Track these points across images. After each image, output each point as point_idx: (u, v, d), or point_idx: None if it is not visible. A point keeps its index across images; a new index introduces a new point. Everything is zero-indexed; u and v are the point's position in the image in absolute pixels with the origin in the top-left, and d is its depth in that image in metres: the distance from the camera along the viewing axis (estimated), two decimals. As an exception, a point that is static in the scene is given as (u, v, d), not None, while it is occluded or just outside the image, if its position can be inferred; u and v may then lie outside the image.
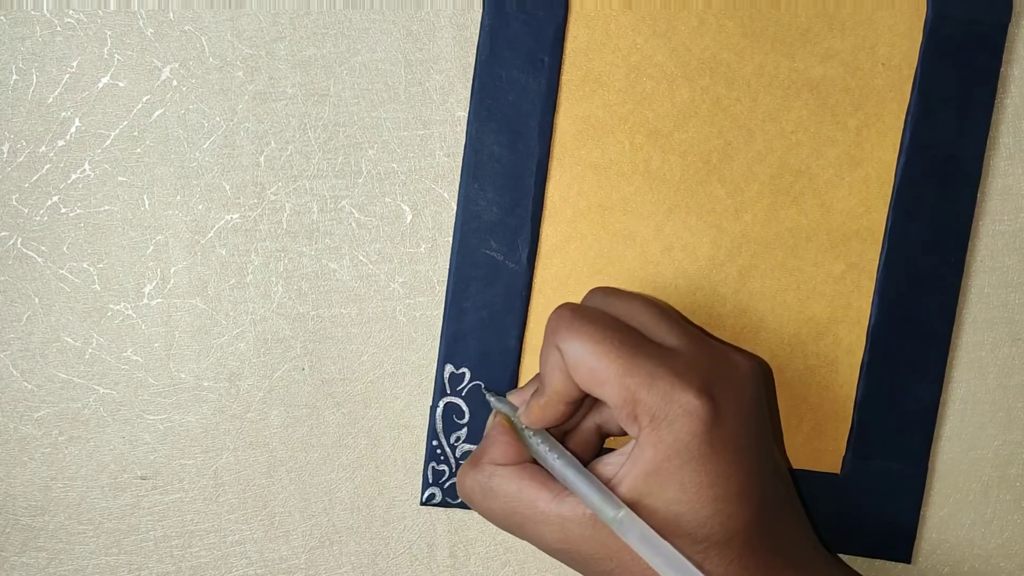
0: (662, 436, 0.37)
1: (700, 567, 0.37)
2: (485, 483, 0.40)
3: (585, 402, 0.41)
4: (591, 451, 0.42)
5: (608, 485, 0.38)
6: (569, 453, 0.39)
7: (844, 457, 0.45)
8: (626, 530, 0.37)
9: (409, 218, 0.44)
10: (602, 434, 0.42)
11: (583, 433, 0.42)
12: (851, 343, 0.45)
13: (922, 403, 0.45)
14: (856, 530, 0.45)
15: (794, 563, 0.39)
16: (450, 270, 0.44)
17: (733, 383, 0.38)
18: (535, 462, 0.40)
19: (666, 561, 0.36)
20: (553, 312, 0.39)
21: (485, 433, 0.42)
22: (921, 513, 0.46)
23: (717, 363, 0.39)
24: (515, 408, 0.41)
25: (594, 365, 0.38)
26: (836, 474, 0.45)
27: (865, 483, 0.45)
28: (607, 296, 0.42)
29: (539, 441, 0.40)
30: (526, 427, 0.41)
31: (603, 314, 0.39)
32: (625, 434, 0.42)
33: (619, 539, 0.37)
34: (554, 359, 0.39)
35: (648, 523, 0.37)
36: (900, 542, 0.46)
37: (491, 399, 0.43)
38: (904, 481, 0.45)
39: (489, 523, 0.45)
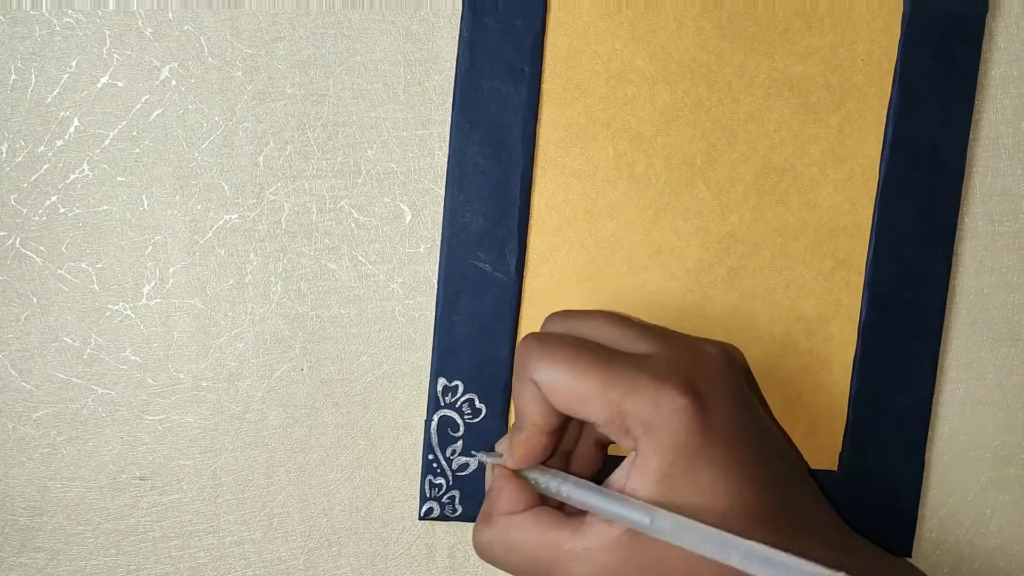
0: (661, 441, 0.36)
1: (747, 537, 0.35)
2: (504, 537, 0.39)
3: (571, 427, 0.41)
4: (595, 468, 0.42)
5: None
6: (577, 477, 0.39)
7: (841, 454, 0.45)
8: (666, 529, 0.35)
9: (408, 218, 0.44)
10: (603, 445, 0.42)
11: (583, 452, 0.42)
12: (843, 339, 0.45)
13: (917, 396, 0.45)
14: (856, 529, 0.45)
15: (824, 541, 0.38)
16: (439, 282, 0.44)
17: (712, 373, 0.38)
18: (544, 502, 0.39)
19: (715, 545, 0.35)
20: (519, 345, 0.39)
21: (488, 488, 0.40)
22: (920, 513, 0.46)
23: (692, 357, 0.39)
24: None
25: (573, 386, 0.37)
26: (834, 471, 0.45)
27: (863, 479, 0.45)
28: (567, 319, 0.41)
29: (548, 478, 0.39)
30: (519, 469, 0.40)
31: (570, 336, 0.39)
32: None
33: (647, 553, 0.36)
34: (529, 391, 0.38)
35: None
36: (900, 542, 0.46)
37: (481, 456, 0.41)
38: (902, 476, 0.45)
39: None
